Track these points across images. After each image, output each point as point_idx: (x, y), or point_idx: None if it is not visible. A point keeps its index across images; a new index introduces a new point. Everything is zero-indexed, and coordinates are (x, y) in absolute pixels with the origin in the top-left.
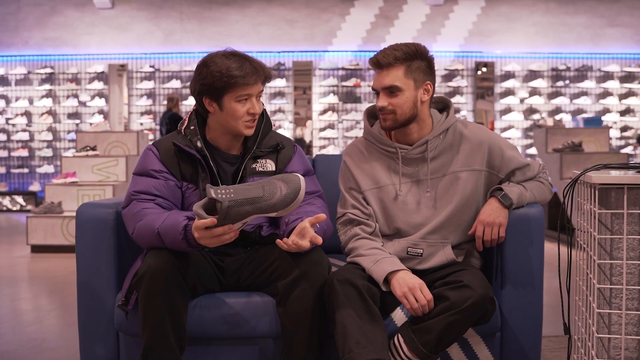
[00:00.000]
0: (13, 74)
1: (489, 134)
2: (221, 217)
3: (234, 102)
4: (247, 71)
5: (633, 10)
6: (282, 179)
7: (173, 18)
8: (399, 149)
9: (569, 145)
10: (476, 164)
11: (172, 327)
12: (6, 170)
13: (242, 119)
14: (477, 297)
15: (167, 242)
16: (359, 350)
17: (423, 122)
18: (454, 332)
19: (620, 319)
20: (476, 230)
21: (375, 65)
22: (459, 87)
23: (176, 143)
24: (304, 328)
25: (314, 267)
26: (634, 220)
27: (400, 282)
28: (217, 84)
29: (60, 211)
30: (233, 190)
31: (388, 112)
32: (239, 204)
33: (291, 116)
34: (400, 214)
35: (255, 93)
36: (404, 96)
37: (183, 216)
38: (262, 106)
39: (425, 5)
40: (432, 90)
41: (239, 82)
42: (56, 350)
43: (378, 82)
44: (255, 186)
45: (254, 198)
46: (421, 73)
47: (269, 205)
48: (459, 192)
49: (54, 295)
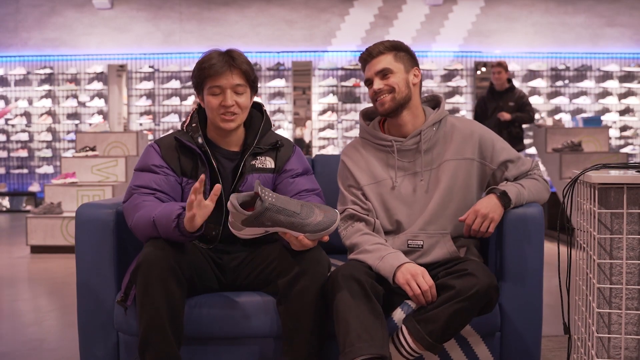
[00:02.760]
0: (12, 75)
1: (480, 126)
2: (255, 214)
3: (208, 95)
4: (213, 62)
5: (632, 10)
6: (320, 207)
7: (172, 18)
8: (394, 141)
9: (569, 145)
10: (467, 153)
11: (169, 318)
12: (6, 170)
13: (217, 112)
14: (482, 284)
15: (161, 231)
16: (360, 345)
17: (416, 110)
18: (460, 320)
19: (620, 319)
20: (468, 218)
21: (367, 57)
22: (459, 87)
23: (178, 138)
24: (304, 326)
25: (314, 265)
26: (634, 220)
27: (403, 271)
28: (197, 78)
29: (60, 212)
30: (275, 196)
31: (386, 93)
32: (276, 210)
33: (290, 116)
34: (399, 205)
35: (228, 85)
36: (397, 77)
37: (178, 206)
38: (245, 101)
39: (425, 6)
40: (420, 76)
41: (208, 73)
42: (56, 350)
43: (371, 70)
44: (295, 202)
45: (292, 212)
46: (407, 60)
47: (301, 224)
48: (451, 179)
49: (54, 296)
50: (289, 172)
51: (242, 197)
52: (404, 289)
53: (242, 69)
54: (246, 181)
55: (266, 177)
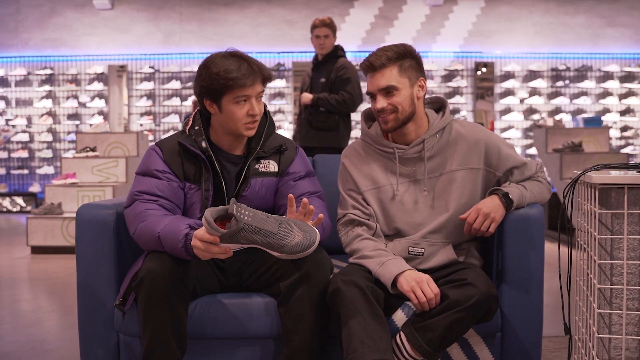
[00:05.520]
0: (13, 75)
1: (486, 133)
2: (228, 234)
3: (232, 104)
4: (243, 72)
5: (632, 10)
6: (301, 227)
7: (172, 19)
8: (396, 149)
9: (569, 146)
10: (473, 162)
11: (173, 332)
12: (6, 171)
13: (241, 121)
14: (481, 294)
15: (167, 248)
16: (364, 350)
17: (420, 120)
18: (458, 329)
19: (621, 319)
20: (469, 217)
21: (369, 67)
22: (459, 88)
23: (181, 142)
24: (305, 328)
25: (317, 268)
26: (634, 220)
27: (407, 278)
28: (215, 86)
29: (60, 212)
30: (252, 214)
31: (389, 113)
32: (251, 230)
33: (291, 117)
34: (399, 214)
35: (254, 94)
36: (402, 94)
37: (185, 224)
38: (262, 107)
39: (425, 6)
40: (425, 86)
41: (236, 83)
42: (56, 351)
43: (374, 84)
44: (272, 220)
45: (268, 232)
46: (413, 70)
47: (278, 245)
48: (457, 192)
49: (54, 297)
50: (292, 174)
51: (218, 211)
52: (408, 296)
53: (266, 76)
54: (250, 185)
55: (269, 180)
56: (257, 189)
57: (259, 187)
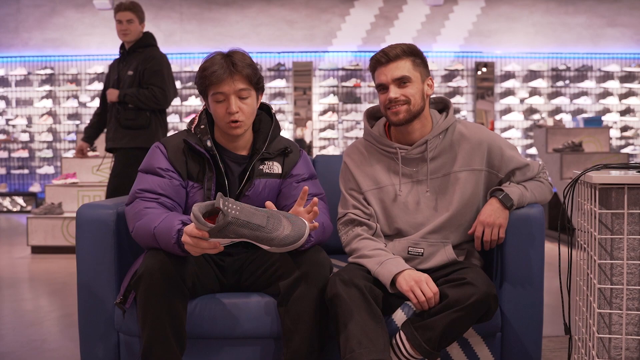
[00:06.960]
0: (13, 75)
1: (489, 134)
2: (216, 228)
3: (213, 102)
4: (216, 69)
5: (633, 10)
6: (290, 218)
7: (173, 19)
8: (399, 149)
9: (569, 145)
10: (476, 164)
11: (172, 329)
12: (6, 171)
13: (223, 120)
14: (480, 294)
15: (162, 244)
16: (361, 351)
17: (425, 120)
18: (457, 329)
19: (621, 319)
20: (476, 231)
21: (383, 57)
22: (459, 87)
23: (187, 141)
24: (305, 328)
25: (316, 267)
26: (635, 220)
27: (406, 277)
28: (200, 85)
29: (61, 212)
30: (240, 208)
31: (401, 103)
32: (239, 224)
33: (291, 117)
34: (400, 214)
35: (232, 92)
36: (415, 87)
37: (178, 220)
38: (248, 107)
39: (425, 6)
40: (433, 85)
41: (210, 80)
42: (56, 351)
43: (387, 74)
44: (261, 214)
45: (256, 225)
46: (423, 68)
47: (267, 238)
48: (459, 192)
49: (55, 297)
50: (295, 177)
51: (206, 206)
52: (407, 295)
53: (243, 74)
54: (253, 185)
55: (273, 182)
56: (261, 190)
57: (262, 187)
